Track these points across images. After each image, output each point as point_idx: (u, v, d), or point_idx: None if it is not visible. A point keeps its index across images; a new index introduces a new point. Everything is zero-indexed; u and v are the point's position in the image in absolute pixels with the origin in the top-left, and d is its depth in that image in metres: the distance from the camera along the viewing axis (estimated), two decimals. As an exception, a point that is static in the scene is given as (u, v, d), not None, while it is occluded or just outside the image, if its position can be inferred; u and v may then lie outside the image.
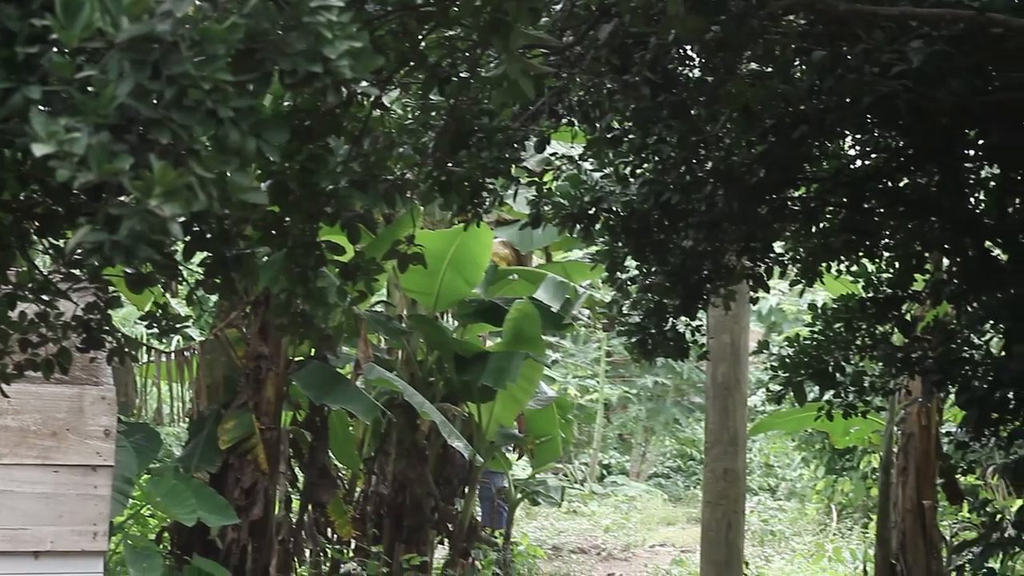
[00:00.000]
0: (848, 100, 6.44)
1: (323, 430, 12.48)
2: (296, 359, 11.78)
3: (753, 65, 6.79)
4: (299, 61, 3.07)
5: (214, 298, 12.64)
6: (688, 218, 7.44)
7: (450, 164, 6.34)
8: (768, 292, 8.76)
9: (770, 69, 6.68)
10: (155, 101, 2.87)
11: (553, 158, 8.06)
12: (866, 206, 7.70)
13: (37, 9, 3.03)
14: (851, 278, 8.39)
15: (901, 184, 7.69)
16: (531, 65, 4.48)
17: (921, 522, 10.91)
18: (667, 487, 33.90)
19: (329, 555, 13.57)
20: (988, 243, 7.83)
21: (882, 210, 7.68)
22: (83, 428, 8.61)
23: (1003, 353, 7.72)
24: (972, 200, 7.99)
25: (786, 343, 8.38)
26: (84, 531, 8.56)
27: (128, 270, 4.37)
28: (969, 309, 7.88)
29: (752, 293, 8.50)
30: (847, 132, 7.69)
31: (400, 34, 5.03)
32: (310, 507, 12.85)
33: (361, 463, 14.22)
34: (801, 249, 8.12)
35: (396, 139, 5.63)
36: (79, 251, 3.54)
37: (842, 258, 8.08)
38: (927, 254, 8.27)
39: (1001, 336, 7.99)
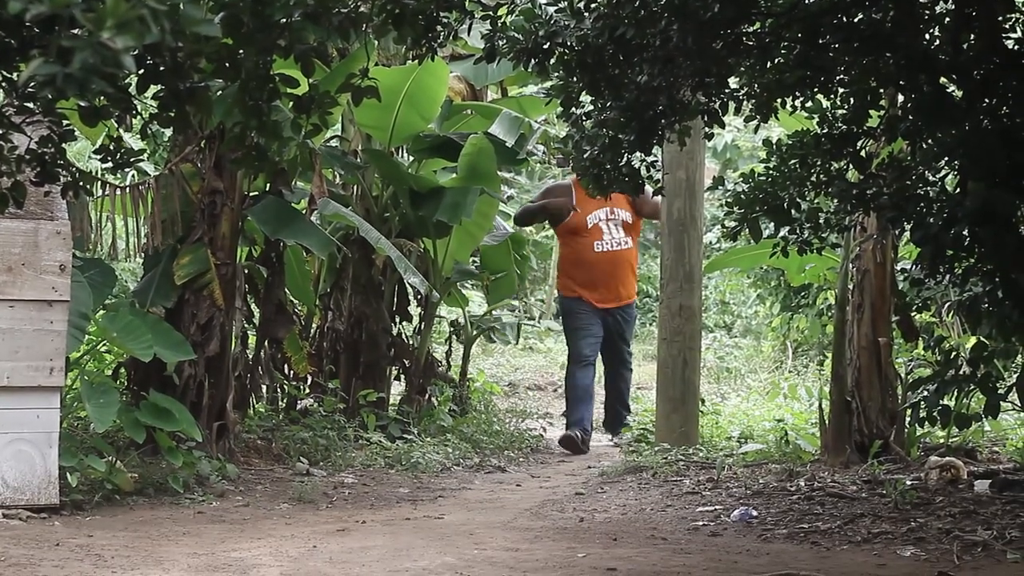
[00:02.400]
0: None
1: (279, 266, 12.48)
2: (251, 194, 11.74)
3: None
4: None
5: (168, 132, 12.57)
6: (643, 53, 7.42)
7: (404, -3, 6.30)
8: (723, 128, 8.75)
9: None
10: (105, -69, 2.84)
11: (507, -9, 8.00)
12: (821, 42, 7.68)
13: None
14: (806, 114, 8.39)
15: (856, 19, 7.67)
16: None
17: (876, 359, 11.01)
18: (623, 323, 34.08)
19: (286, 391, 13.65)
20: (943, 79, 7.85)
21: (837, 46, 7.66)
22: (38, 263, 8.61)
23: (958, 190, 7.77)
24: (927, 36, 8.00)
25: (741, 179, 8.39)
26: (41, 366, 8.60)
27: (82, 103, 4.35)
28: (924, 146, 7.91)
29: (707, 129, 8.51)
30: (803, -34, 7.67)
31: None
32: (266, 343, 12.89)
33: (317, 299, 14.24)
34: (756, 85, 8.11)
35: (350, -29, 5.59)
36: (32, 84, 3.52)
37: (797, 94, 8.08)
38: (882, 90, 8.28)
39: (956, 173, 8.03)
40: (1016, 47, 7.80)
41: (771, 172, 8.22)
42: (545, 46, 7.47)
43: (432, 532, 8.05)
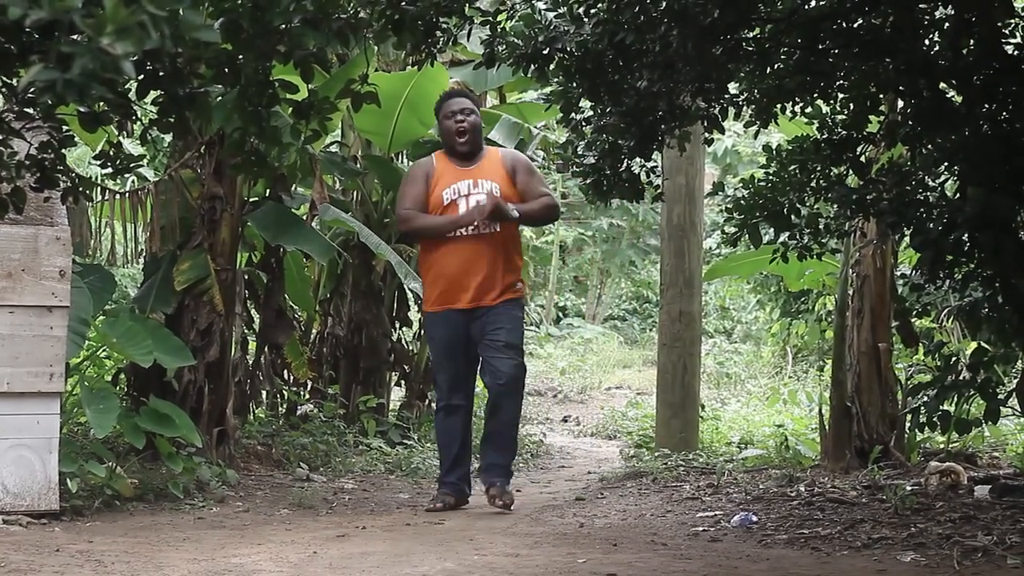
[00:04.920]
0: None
1: (279, 271, 12.49)
2: (251, 200, 11.75)
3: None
4: None
5: (168, 138, 12.59)
6: (643, 59, 7.43)
7: (403, 2, 6.31)
8: (723, 133, 8.77)
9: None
10: (105, -64, 2.84)
11: (507, -3, 8.02)
12: (821, 47, 7.69)
13: None
14: (806, 120, 8.40)
15: (856, 25, 7.68)
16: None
17: (876, 365, 11.01)
18: (623, 329, 34.19)
19: (286, 397, 13.66)
20: (943, 85, 7.85)
21: (837, 51, 7.67)
22: (38, 269, 8.61)
23: (958, 195, 7.77)
24: (927, 41, 8.00)
25: (741, 185, 8.39)
26: (40, 372, 8.59)
27: (81, 109, 4.36)
28: (924, 151, 7.92)
29: (707, 135, 8.51)
30: (802, -28, 7.68)
31: None
32: (266, 349, 12.90)
33: (317, 304, 14.26)
34: (756, 90, 8.12)
35: (349, -23, 5.60)
36: (32, 89, 3.52)
37: (797, 99, 8.08)
38: (882, 95, 8.28)
39: (956, 178, 8.03)
40: (1016, 52, 7.79)
41: (771, 177, 8.22)
42: (545, 51, 7.47)
43: (432, 538, 8.05)
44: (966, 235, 7.29)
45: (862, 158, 8.36)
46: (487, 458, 9.57)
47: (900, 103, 8.82)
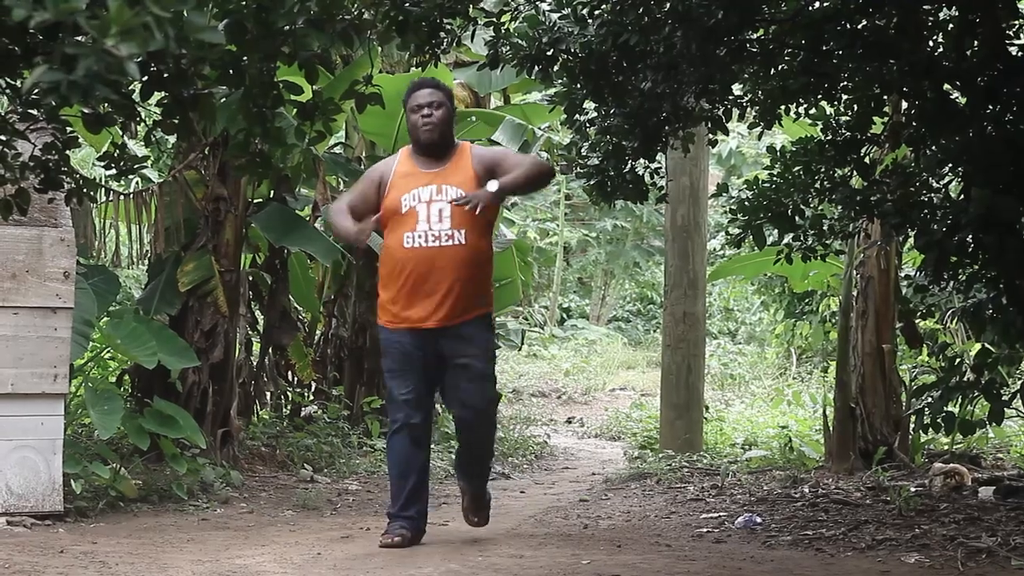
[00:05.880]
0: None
1: (283, 272, 12.49)
2: (255, 201, 11.75)
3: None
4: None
5: (172, 139, 12.59)
6: (646, 60, 7.44)
7: (407, 4, 6.32)
8: (727, 135, 8.77)
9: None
10: (109, -62, 2.84)
11: (511, -2, 8.02)
12: (824, 48, 7.70)
13: None
14: (810, 121, 8.40)
15: (860, 26, 7.68)
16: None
17: (880, 366, 11.02)
18: (627, 331, 34.17)
19: (290, 398, 13.66)
20: (946, 86, 7.85)
21: (840, 52, 7.67)
22: (42, 270, 8.61)
23: (961, 196, 7.77)
24: (930, 42, 8.00)
25: (745, 186, 8.40)
26: (45, 373, 8.59)
27: (86, 110, 4.36)
28: (928, 152, 7.91)
29: (711, 136, 8.52)
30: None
31: None
32: (270, 350, 12.90)
33: (321, 306, 14.26)
34: (760, 91, 8.13)
35: (354, -22, 5.60)
36: (36, 91, 3.52)
37: (801, 101, 8.10)
38: (886, 97, 8.29)
39: (960, 179, 8.03)
40: (1020, 53, 7.80)
41: (775, 179, 8.22)
42: (549, 53, 7.48)
43: (436, 539, 8.04)
44: (970, 236, 7.28)
45: (866, 159, 8.37)
46: (462, 480, 8.38)
47: (904, 104, 8.82)
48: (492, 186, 7.66)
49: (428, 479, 8.16)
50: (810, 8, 7.74)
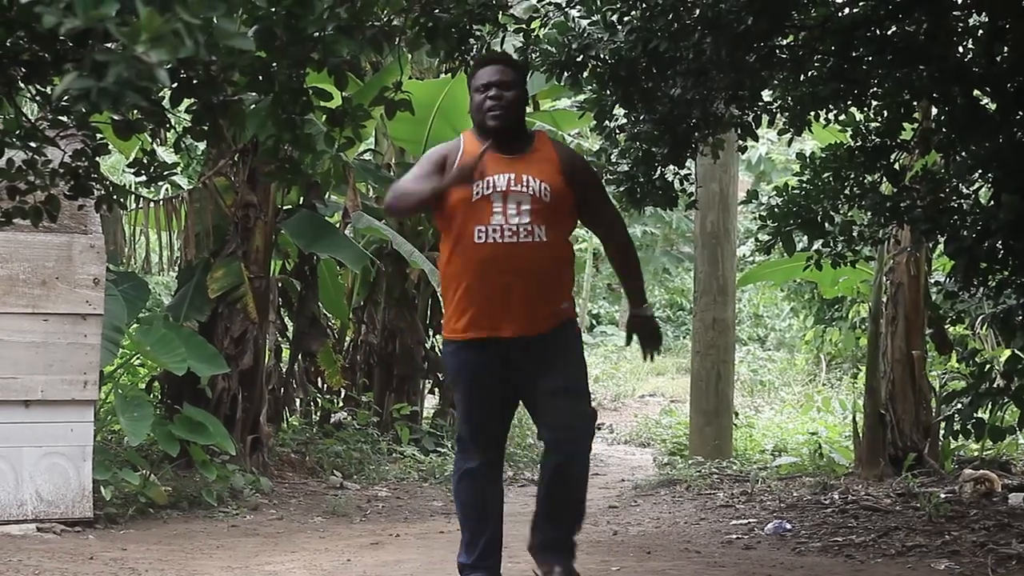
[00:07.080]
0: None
1: (312, 279, 12.50)
2: (284, 207, 11.77)
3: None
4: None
5: (202, 146, 12.62)
6: (676, 66, 7.42)
7: (437, 10, 6.31)
8: (756, 141, 8.76)
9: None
10: (140, -55, 2.85)
11: (540, 5, 8.00)
12: (854, 54, 7.67)
13: None
14: (839, 127, 8.37)
15: (889, 32, 7.66)
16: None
17: (910, 372, 10.99)
18: (656, 337, 34.04)
19: (319, 404, 13.67)
20: (976, 91, 7.82)
21: (870, 58, 7.65)
22: (72, 277, 8.64)
23: (991, 202, 7.73)
24: (960, 48, 7.97)
25: (775, 193, 8.38)
26: (75, 380, 8.61)
27: (115, 117, 4.37)
28: (957, 158, 7.88)
29: (740, 142, 8.51)
30: (836, -21, 7.67)
31: None
32: (300, 356, 12.91)
33: (350, 312, 14.28)
34: (789, 98, 8.11)
35: (383, -15, 5.60)
36: (66, 98, 3.53)
37: (830, 107, 8.07)
38: (915, 103, 8.25)
39: (990, 185, 8.00)
40: (1051, 59, 7.76)
41: (805, 185, 8.20)
42: (578, 59, 7.48)
43: (465, 545, 8.04)
44: (1000, 242, 7.25)
45: (896, 165, 8.34)
46: (545, 531, 6.46)
47: (934, 110, 8.78)
48: (648, 311, 6.88)
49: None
50: (840, 14, 7.72)
